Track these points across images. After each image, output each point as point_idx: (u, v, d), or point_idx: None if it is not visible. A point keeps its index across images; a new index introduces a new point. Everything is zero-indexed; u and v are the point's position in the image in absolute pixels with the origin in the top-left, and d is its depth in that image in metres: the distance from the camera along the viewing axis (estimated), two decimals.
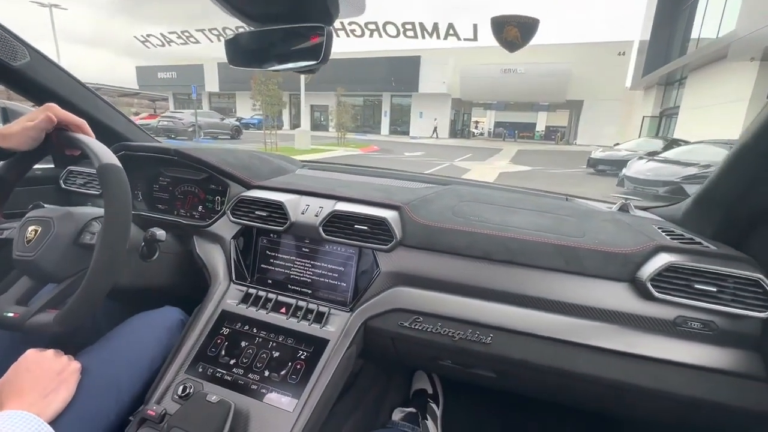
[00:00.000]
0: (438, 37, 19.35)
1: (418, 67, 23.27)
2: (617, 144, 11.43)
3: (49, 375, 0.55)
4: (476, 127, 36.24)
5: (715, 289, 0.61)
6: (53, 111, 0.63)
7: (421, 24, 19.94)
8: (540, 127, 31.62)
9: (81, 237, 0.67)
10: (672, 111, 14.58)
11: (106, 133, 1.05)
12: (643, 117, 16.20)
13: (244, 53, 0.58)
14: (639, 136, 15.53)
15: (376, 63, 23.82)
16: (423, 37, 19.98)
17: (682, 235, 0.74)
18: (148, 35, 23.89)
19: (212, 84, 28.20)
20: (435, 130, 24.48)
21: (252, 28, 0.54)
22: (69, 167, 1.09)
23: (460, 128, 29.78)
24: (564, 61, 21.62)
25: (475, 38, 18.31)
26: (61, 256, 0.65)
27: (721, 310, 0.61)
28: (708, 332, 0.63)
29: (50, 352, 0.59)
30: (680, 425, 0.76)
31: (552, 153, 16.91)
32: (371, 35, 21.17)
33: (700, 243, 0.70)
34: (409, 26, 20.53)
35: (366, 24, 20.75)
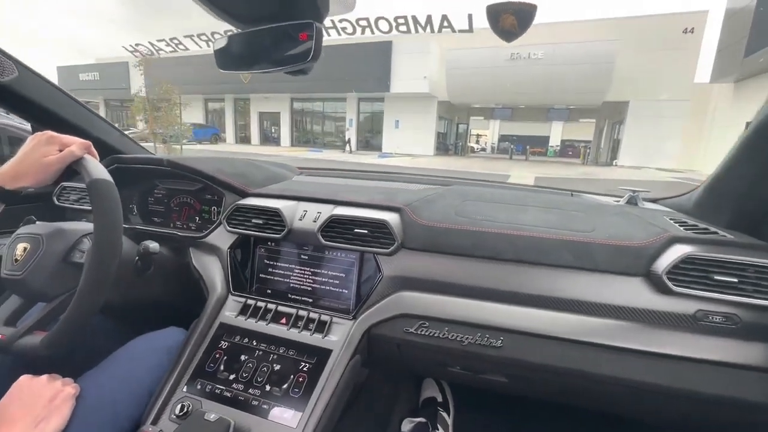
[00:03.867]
0: (432, 30, 16.05)
1: (389, 57, 16.17)
2: None
3: (41, 402, 0.55)
4: (477, 142, 29.65)
5: (735, 280, 0.59)
6: (61, 141, 0.63)
7: (414, 17, 16.95)
8: (554, 141, 25.28)
9: (71, 255, 0.66)
10: None
11: (98, 147, 0.97)
12: (747, 124, 10.22)
13: (233, 57, 0.56)
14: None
15: (336, 54, 16.03)
16: (416, 30, 16.71)
17: (696, 225, 0.72)
18: (137, 44, 21.51)
19: (150, 88, 22.63)
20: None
21: (240, 31, 0.53)
22: (62, 183, 1.04)
23: (452, 143, 21.83)
24: (607, 38, 13.50)
25: (471, 29, 14.32)
26: (50, 274, 0.63)
27: (744, 302, 0.59)
28: (731, 326, 0.60)
29: (44, 377, 0.59)
30: (704, 426, 0.74)
31: (592, 182, 9.74)
32: (363, 32, 18.24)
33: (715, 233, 0.67)
34: (401, 20, 17.50)
35: (357, 20, 18.16)
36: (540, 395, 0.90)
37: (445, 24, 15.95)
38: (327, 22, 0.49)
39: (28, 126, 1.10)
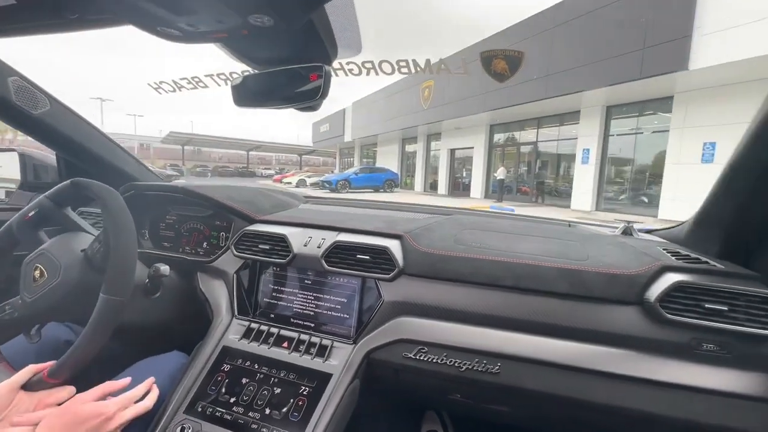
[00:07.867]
0: (431, 72, 17.15)
1: None
2: None
3: None
4: None
5: (726, 308, 0.59)
6: None
7: (414, 61, 18.36)
8: None
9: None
10: None
11: (118, 175, 1.10)
12: None
13: (248, 95, 0.59)
14: None
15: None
16: (417, 71, 18.18)
17: (688, 255, 0.73)
18: (161, 82, 23.00)
19: (354, 131, 20.07)
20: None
21: (256, 71, 0.56)
22: (80, 208, 1.11)
23: None
24: None
25: (466, 72, 13.87)
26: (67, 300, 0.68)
27: (736, 330, 0.58)
28: (726, 354, 0.60)
29: (93, 403, 0.59)
30: None
31: None
32: (368, 73, 19.66)
33: (706, 262, 0.68)
34: (403, 63, 18.87)
35: (363, 63, 19.36)
36: (541, 427, 0.88)
37: (443, 66, 17.17)
38: (335, 65, 0.55)
39: (52, 155, 1.16)
